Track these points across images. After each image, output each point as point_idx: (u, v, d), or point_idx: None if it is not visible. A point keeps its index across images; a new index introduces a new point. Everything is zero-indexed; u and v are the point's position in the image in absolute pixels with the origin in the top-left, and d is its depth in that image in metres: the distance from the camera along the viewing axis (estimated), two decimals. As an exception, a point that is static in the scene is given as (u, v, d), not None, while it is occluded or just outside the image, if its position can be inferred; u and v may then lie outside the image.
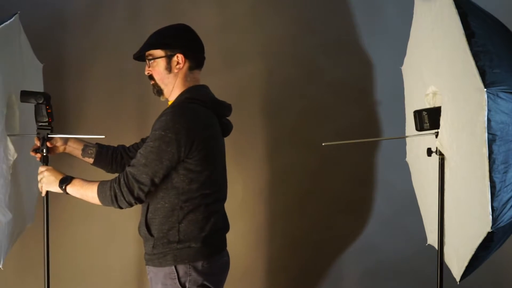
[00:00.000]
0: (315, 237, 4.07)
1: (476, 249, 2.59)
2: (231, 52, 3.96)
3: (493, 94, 2.41)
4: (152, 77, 2.69)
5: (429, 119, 2.79)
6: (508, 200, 2.47)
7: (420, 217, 3.36)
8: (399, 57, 3.40)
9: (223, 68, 3.93)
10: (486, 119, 2.41)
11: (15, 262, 3.73)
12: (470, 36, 2.52)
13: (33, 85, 3.21)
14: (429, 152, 2.85)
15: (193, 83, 2.69)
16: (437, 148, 2.81)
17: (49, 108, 2.83)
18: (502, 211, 2.47)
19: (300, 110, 4.02)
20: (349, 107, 4.05)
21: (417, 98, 3.09)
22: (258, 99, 4.00)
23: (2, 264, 2.90)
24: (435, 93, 2.91)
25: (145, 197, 2.55)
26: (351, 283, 4.13)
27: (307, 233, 4.06)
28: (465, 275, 2.77)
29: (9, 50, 2.95)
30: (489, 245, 2.58)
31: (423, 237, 3.31)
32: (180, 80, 2.67)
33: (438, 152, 2.81)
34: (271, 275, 4.05)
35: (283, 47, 4.00)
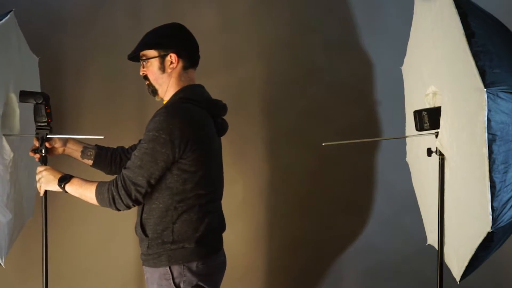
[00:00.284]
0: (315, 237, 4.06)
1: (476, 249, 2.59)
2: (231, 52, 3.96)
3: (493, 94, 2.40)
4: (147, 77, 2.68)
5: (429, 119, 2.79)
6: (508, 200, 2.47)
7: (420, 217, 3.36)
8: (399, 57, 3.40)
9: (223, 68, 3.93)
10: (486, 119, 2.41)
11: (15, 262, 3.72)
12: (470, 36, 2.52)
13: (29, 80, 3.20)
14: (429, 152, 2.85)
15: (187, 83, 2.67)
16: (437, 148, 2.81)
17: (48, 108, 2.83)
18: (502, 211, 2.47)
19: (300, 110, 4.02)
20: (349, 107, 4.05)
21: (417, 98, 3.08)
22: (258, 99, 4.00)
23: (3, 262, 2.90)
24: (435, 93, 2.90)
25: (143, 198, 2.55)
26: (351, 283, 4.13)
27: (307, 233, 4.06)
28: (465, 275, 2.77)
29: (5, 47, 2.94)
30: (489, 245, 2.58)
31: (423, 237, 3.30)
32: (174, 80, 2.65)
33: (438, 152, 2.80)
34: (271, 275, 4.05)
35: (283, 47, 4.00)
